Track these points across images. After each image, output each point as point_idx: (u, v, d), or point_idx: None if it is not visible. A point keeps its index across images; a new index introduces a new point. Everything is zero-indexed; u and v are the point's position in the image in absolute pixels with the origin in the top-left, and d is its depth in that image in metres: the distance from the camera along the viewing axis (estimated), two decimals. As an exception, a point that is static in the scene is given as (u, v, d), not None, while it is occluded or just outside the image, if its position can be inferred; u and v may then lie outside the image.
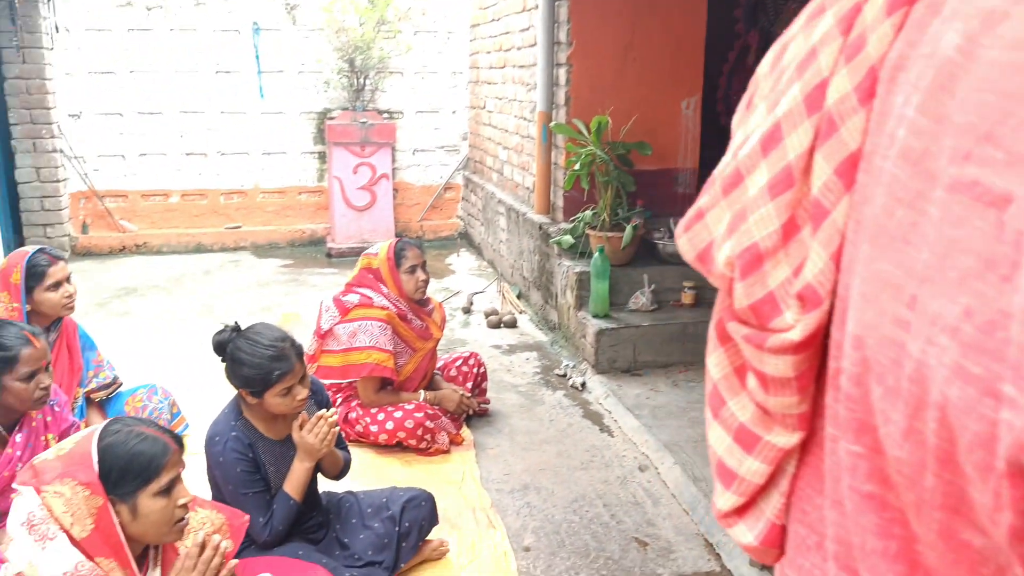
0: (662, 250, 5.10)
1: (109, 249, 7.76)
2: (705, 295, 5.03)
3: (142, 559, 1.93)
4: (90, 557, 1.75)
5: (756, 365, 0.73)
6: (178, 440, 1.94)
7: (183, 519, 1.92)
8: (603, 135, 4.93)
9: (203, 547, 1.95)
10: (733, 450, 0.79)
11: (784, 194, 0.69)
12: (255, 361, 2.50)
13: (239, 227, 8.09)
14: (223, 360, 2.59)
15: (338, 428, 2.66)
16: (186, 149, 7.89)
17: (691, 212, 0.82)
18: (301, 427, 2.59)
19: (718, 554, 2.99)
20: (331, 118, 7.91)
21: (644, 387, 4.44)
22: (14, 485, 1.84)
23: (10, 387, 2.55)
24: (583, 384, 4.57)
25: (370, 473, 3.51)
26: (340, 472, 2.84)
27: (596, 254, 4.74)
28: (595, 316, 4.78)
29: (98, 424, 1.89)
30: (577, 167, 5.00)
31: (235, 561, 2.09)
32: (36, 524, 1.74)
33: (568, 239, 5.16)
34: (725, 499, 0.81)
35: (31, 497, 1.77)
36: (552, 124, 5.39)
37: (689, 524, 3.20)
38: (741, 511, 0.81)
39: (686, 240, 0.82)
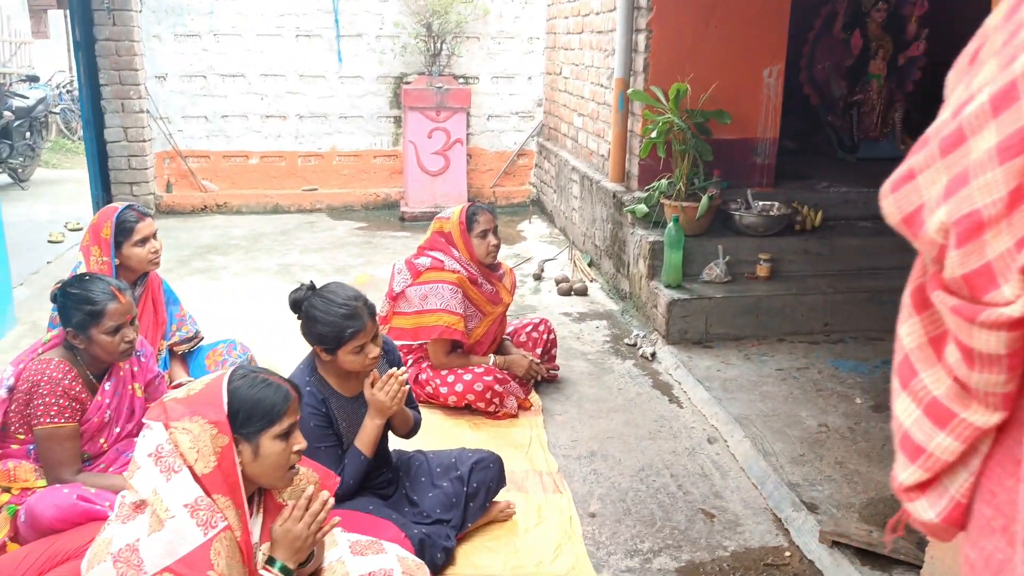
0: (738, 221, 5.00)
1: (191, 208, 7.98)
2: (781, 268, 4.92)
3: (248, 504, 2.01)
4: (208, 493, 1.84)
5: (963, 339, 0.69)
6: (297, 389, 2.02)
7: (295, 467, 2.00)
8: (681, 103, 4.84)
9: (310, 500, 2.02)
10: (922, 424, 0.76)
11: (1015, 159, 0.63)
12: (329, 319, 2.56)
13: (315, 189, 8.23)
14: (299, 318, 2.66)
15: (408, 387, 2.70)
16: (266, 111, 8.04)
17: (899, 172, 0.76)
18: (372, 385, 2.64)
19: (786, 530, 2.95)
20: (407, 83, 7.95)
21: (715, 359, 4.39)
22: (144, 420, 1.93)
23: (97, 339, 2.66)
24: (653, 354, 4.54)
25: (439, 434, 3.56)
26: (410, 431, 2.89)
27: (670, 224, 4.68)
28: (667, 286, 4.72)
29: (225, 370, 1.98)
30: (654, 135, 4.92)
31: (338, 518, 2.16)
32: (163, 456, 1.83)
33: (642, 208, 5.10)
34: (909, 473, 0.78)
35: (159, 431, 1.86)
36: (629, 91, 5.31)
37: (757, 498, 3.16)
38: (924, 487, 0.78)
39: (892, 201, 0.76)
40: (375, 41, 8.01)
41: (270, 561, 1.97)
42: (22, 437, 2.67)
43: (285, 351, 3.90)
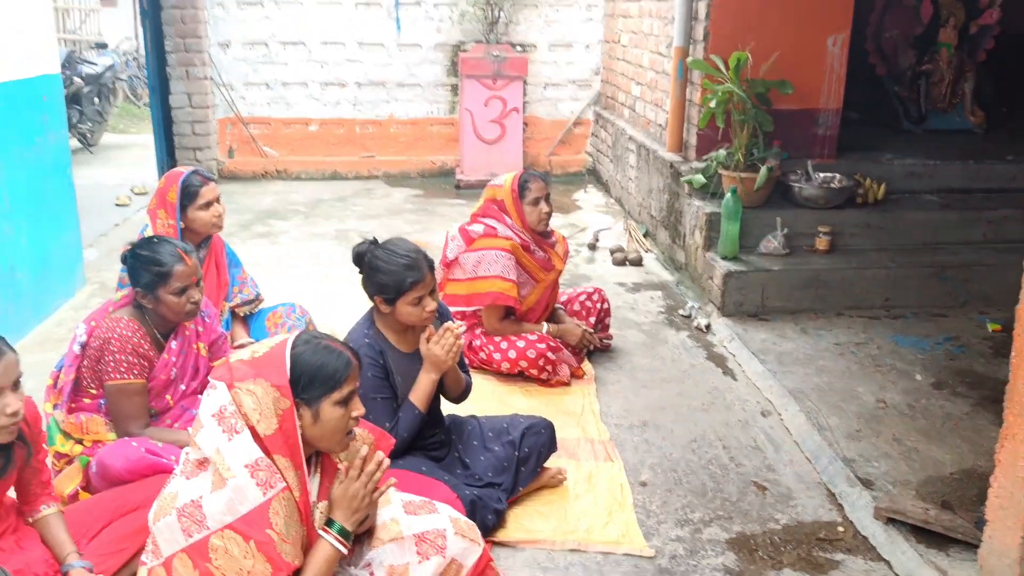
0: (798, 193, 4.91)
1: (252, 174, 8.13)
2: (841, 241, 4.83)
3: (307, 465, 2.07)
4: (268, 454, 1.90)
5: None
6: (357, 356, 2.06)
7: (352, 432, 2.05)
8: (741, 72, 4.75)
9: (365, 461, 2.06)
10: None
11: None
12: (390, 268, 2.64)
13: (373, 156, 8.29)
14: (361, 271, 2.72)
15: (463, 343, 2.74)
16: (326, 79, 8.11)
17: None
18: (428, 340, 2.69)
19: (840, 505, 2.93)
20: (464, 51, 7.93)
21: (771, 332, 4.34)
22: (209, 378, 2.00)
23: (164, 300, 2.75)
24: (707, 326, 4.51)
25: (492, 400, 3.60)
26: (462, 393, 2.94)
27: (728, 194, 4.62)
28: (723, 258, 4.68)
29: (290, 334, 2.02)
30: (713, 105, 4.85)
31: (394, 479, 2.21)
32: (226, 417, 1.89)
33: (700, 178, 5.04)
34: None
35: (223, 392, 1.92)
36: (689, 60, 5.23)
37: (811, 472, 3.14)
38: None
39: None
40: (433, 9, 8.00)
41: (329, 523, 2.02)
42: (94, 392, 2.78)
43: (343, 314, 3.97)
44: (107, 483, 2.59)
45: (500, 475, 2.83)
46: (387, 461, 2.09)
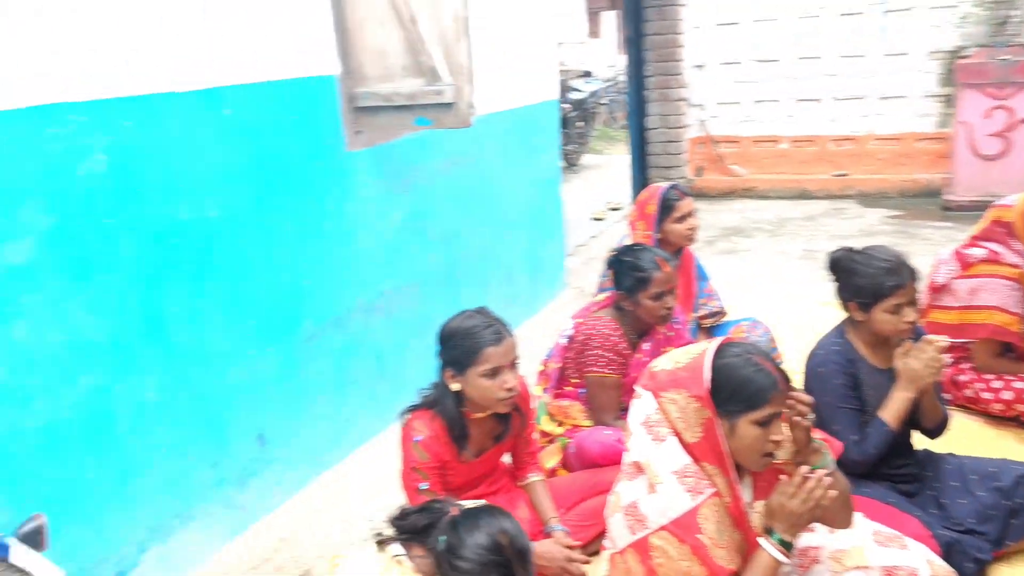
0: None
1: (719, 191, 8.29)
2: None
3: (738, 468, 2.04)
4: (696, 461, 1.92)
5: None
6: (787, 378, 1.97)
7: (772, 454, 1.96)
8: None
9: (806, 478, 1.97)
10: None
11: None
12: (869, 271, 2.51)
13: (845, 174, 7.91)
14: (836, 277, 2.63)
15: (946, 360, 2.49)
16: (799, 95, 7.96)
17: None
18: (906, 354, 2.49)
19: None
20: (963, 57, 7.16)
21: None
22: (635, 387, 2.09)
23: (643, 303, 2.94)
24: None
25: (977, 442, 3.19)
26: (938, 425, 2.65)
27: None
28: None
29: (714, 341, 1.99)
30: None
31: (835, 492, 2.04)
32: (652, 425, 1.96)
33: None
34: None
35: (649, 400, 1.98)
36: None
37: None
38: None
39: None
40: (927, 13, 7.37)
41: (769, 531, 1.96)
42: (576, 381, 3.07)
43: (806, 334, 3.82)
44: (583, 464, 2.86)
45: (984, 524, 2.49)
46: (828, 479, 1.93)
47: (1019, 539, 2.53)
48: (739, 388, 1.89)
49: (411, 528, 1.85)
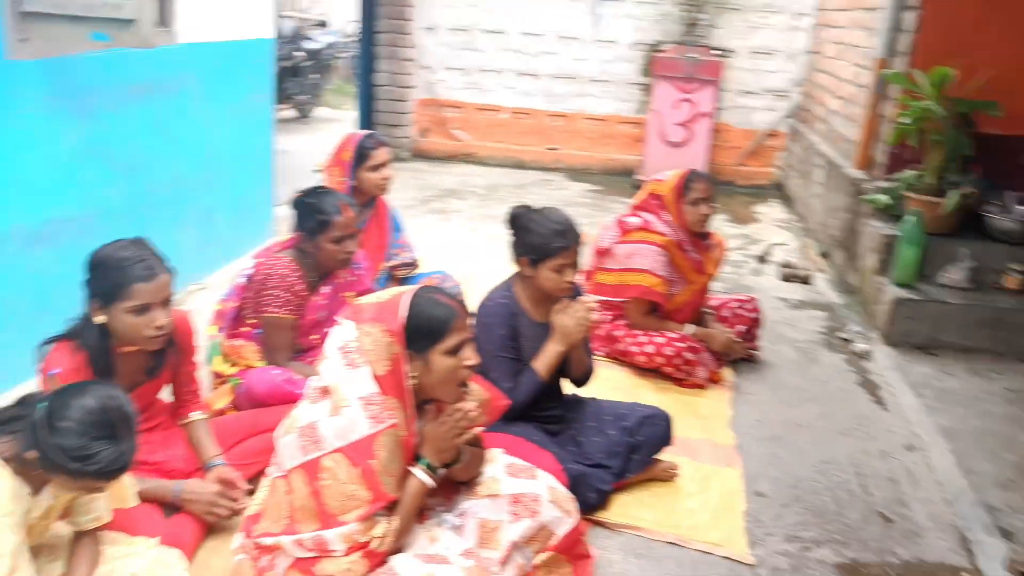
0: (992, 225, 4.54)
1: (441, 154, 8.49)
2: (1035, 282, 4.41)
3: (419, 410, 2.19)
4: (382, 392, 2.04)
5: None
6: (465, 308, 2.16)
7: (465, 384, 2.16)
8: (944, 89, 4.44)
9: (457, 411, 2.17)
10: None
11: None
12: (541, 230, 2.73)
13: (557, 149, 8.43)
14: (512, 232, 2.82)
15: (592, 318, 2.77)
16: (521, 69, 8.32)
17: None
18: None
19: (971, 551, 2.71)
20: (659, 51, 7.88)
21: (935, 367, 4.05)
22: (336, 317, 2.17)
23: (323, 246, 2.98)
24: (867, 352, 4.27)
25: (621, 391, 3.59)
26: (584, 375, 2.96)
27: (911, 217, 4.34)
28: (897, 284, 4.40)
29: (415, 287, 2.15)
30: (907, 122, 4.57)
31: (479, 429, 2.30)
32: (349, 351, 2.05)
33: (883, 198, 4.77)
34: None
35: (350, 328, 2.08)
36: (887, 72, 4.95)
37: (946, 514, 2.92)
38: None
39: None
40: (634, 7, 7.99)
41: (418, 459, 2.15)
42: (252, 321, 3.05)
43: (492, 289, 4.08)
44: (250, 404, 2.86)
45: (611, 458, 2.83)
46: (475, 413, 2.17)
47: (638, 471, 2.91)
48: (425, 323, 2.06)
49: None
